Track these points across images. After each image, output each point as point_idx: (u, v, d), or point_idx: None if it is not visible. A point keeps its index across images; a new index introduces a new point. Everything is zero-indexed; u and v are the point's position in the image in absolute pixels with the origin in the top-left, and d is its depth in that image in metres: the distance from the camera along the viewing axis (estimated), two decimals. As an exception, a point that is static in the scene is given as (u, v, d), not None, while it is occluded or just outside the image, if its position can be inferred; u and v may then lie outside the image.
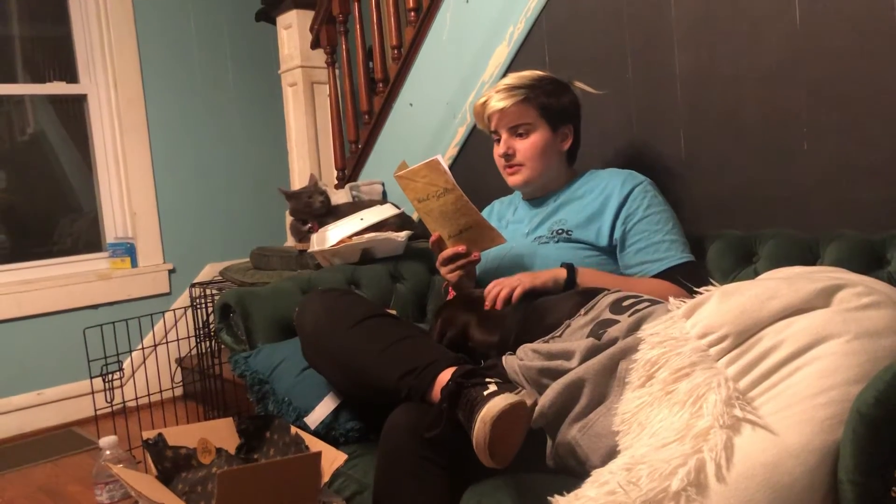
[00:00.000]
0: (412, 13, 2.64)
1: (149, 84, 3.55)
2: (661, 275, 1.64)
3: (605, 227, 1.70)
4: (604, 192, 1.74)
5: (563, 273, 1.58)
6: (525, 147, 1.76)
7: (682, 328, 1.03)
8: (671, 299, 1.13)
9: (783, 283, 1.03)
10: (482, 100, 1.81)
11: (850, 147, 1.65)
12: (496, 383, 1.27)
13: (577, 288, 1.56)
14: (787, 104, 1.74)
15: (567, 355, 1.33)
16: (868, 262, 1.50)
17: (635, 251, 1.67)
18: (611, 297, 1.44)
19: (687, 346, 1.00)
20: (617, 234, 1.69)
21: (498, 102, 1.75)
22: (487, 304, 1.55)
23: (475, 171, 2.49)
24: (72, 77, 3.51)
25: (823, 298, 1.01)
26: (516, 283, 1.54)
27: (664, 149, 1.99)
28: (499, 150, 1.79)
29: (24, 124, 3.54)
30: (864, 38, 1.61)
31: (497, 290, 1.55)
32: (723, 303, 1.03)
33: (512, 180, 1.81)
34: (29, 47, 3.50)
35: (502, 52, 2.36)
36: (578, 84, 1.86)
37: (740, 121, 1.83)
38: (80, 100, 3.54)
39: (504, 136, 1.78)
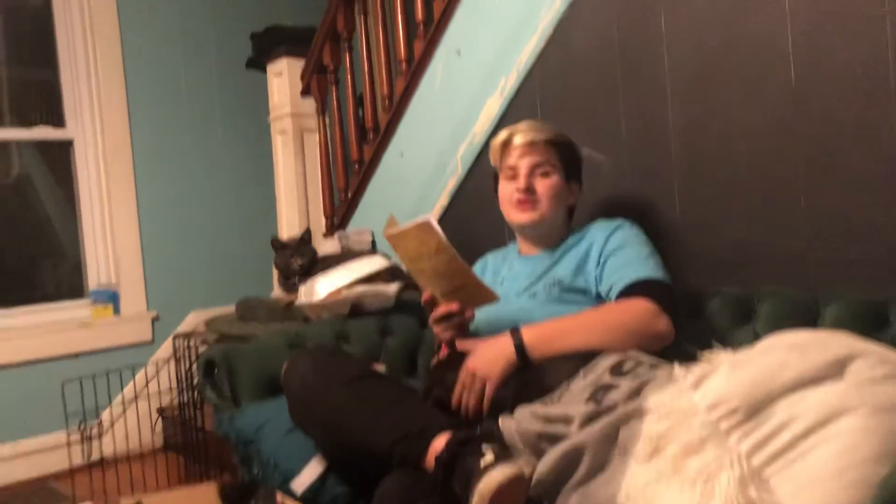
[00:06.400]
0: (403, 64, 2.64)
1: (136, 129, 3.51)
2: (625, 289, 1.57)
3: (591, 274, 1.69)
4: (589, 239, 1.74)
5: (512, 351, 1.48)
6: (546, 185, 1.74)
7: (691, 400, 0.99)
8: (676, 366, 1.09)
9: (793, 353, 1.00)
10: (506, 133, 1.79)
11: (848, 205, 1.63)
12: (493, 451, 1.21)
13: (526, 350, 1.48)
14: (784, 161, 1.73)
15: (566, 420, 1.29)
16: (870, 323, 1.47)
17: (607, 278, 1.64)
18: (610, 360, 1.40)
19: (696, 419, 0.96)
20: (597, 272, 1.67)
21: (528, 136, 1.75)
22: (455, 405, 1.50)
23: (466, 221, 2.46)
24: (58, 121, 3.47)
25: (836, 369, 0.97)
26: (480, 384, 1.47)
27: (659, 203, 1.97)
28: (516, 184, 1.75)
29: (8, 167, 3.49)
30: (860, 95, 1.60)
31: (466, 400, 1.48)
32: (733, 374, 0.99)
33: (522, 217, 1.76)
34: (16, 90, 3.46)
35: (494, 103, 2.34)
36: (589, 151, 1.87)
37: (736, 176, 1.82)
38: (67, 144, 3.50)
39: (524, 171, 1.74)
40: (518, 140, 1.75)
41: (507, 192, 1.78)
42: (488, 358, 1.49)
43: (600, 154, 1.91)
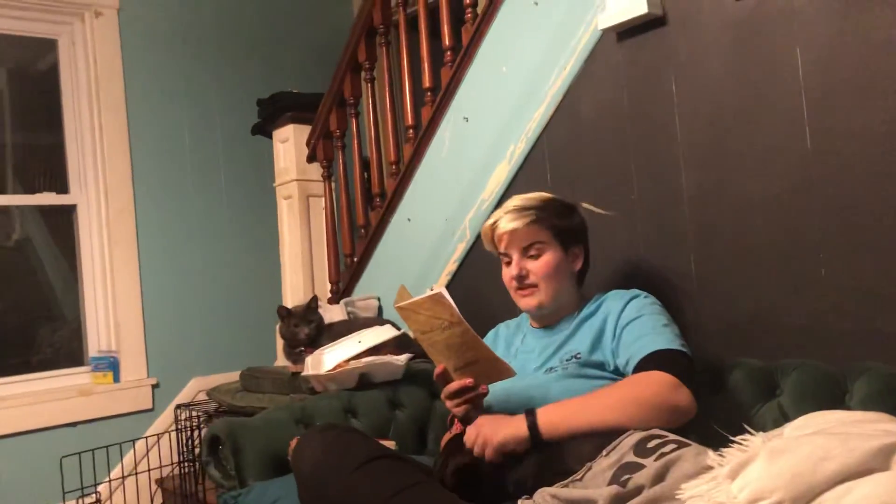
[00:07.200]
0: (410, 130, 2.64)
1: (140, 195, 3.50)
2: (641, 362, 1.51)
3: (607, 347, 1.63)
4: (605, 311, 1.68)
5: (523, 427, 1.43)
6: (538, 267, 1.70)
7: (729, 491, 0.94)
8: (710, 453, 1.04)
9: (835, 440, 0.95)
10: (490, 221, 1.76)
11: (870, 274, 1.60)
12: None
13: (539, 429, 1.43)
14: (802, 228, 1.70)
15: (589, 504, 1.23)
16: (902, 398, 1.42)
17: (624, 350, 1.58)
18: (634, 438, 1.35)
19: (736, 513, 0.91)
20: (613, 345, 1.62)
21: (509, 223, 1.70)
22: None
23: (475, 288, 2.42)
24: (62, 187, 3.46)
25: (881, 459, 0.92)
26: (479, 451, 1.44)
27: (673, 272, 1.93)
28: (510, 271, 1.73)
29: (10, 231, 3.47)
30: (877, 161, 1.58)
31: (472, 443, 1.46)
32: (772, 463, 0.93)
33: (525, 303, 1.73)
34: (20, 156, 3.46)
35: (503, 171, 2.33)
36: (586, 206, 1.83)
37: (753, 244, 1.78)
38: (70, 209, 3.48)
39: (515, 257, 1.72)
40: (501, 228, 1.72)
41: (507, 278, 1.75)
42: (498, 423, 1.45)
43: (600, 208, 1.87)
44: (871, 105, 1.58)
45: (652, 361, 1.49)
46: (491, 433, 1.43)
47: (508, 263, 1.74)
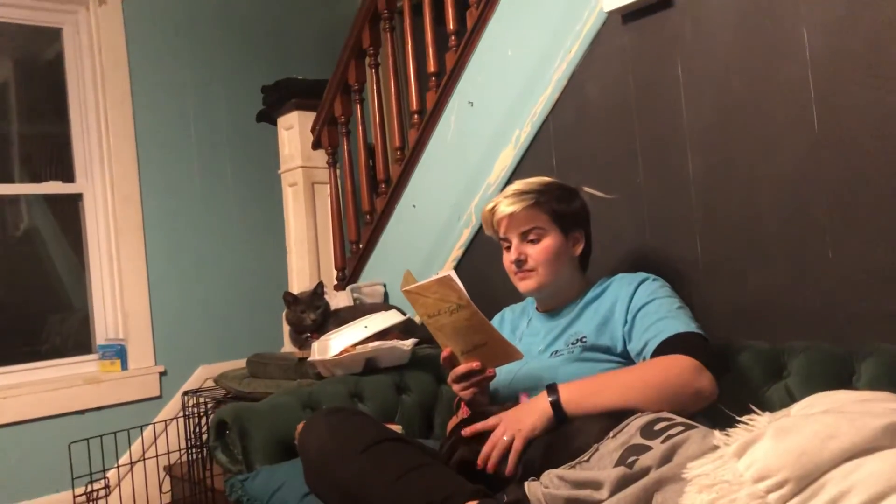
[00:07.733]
0: (415, 116, 2.63)
1: (146, 183, 3.50)
2: (661, 345, 1.49)
3: (617, 331, 1.62)
4: (612, 295, 1.67)
5: (547, 407, 1.41)
6: (537, 252, 1.69)
7: (735, 470, 0.93)
8: (716, 433, 1.03)
9: (842, 418, 0.94)
10: (490, 206, 1.75)
11: (878, 256, 1.59)
12: (521, 521, 1.16)
13: (563, 406, 1.41)
14: (808, 210, 1.69)
15: (596, 485, 1.23)
16: (909, 379, 1.42)
17: (640, 334, 1.57)
18: (642, 420, 1.34)
19: (742, 491, 0.90)
20: (626, 330, 1.61)
21: (507, 207, 1.69)
22: (480, 464, 1.40)
23: (481, 273, 2.42)
24: (68, 176, 3.46)
25: (890, 437, 0.91)
26: (509, 438, 1.39)
27: (680, 254, 1.93)
28: (510, 256, 1.72)
29: (17, 220, 3.48)
30: (887, 140, 1.56)
31: (489, 451, 1.40)
32: (779, 442, 0.93)
33: (524, 286, 1.72)
34: (27, 145, 3.47)
35: (508, 155, 2.32)
36: (587, 189, 1.81)
37: (759, 226, 1.78)
38: (76, 198, 3.48)
39: (515, 241, 1.71)
40: (499, 212, 1.71)
41: (507, 262, 1.74)
42: (519, 412, 1.43)
43: (600, 192, 1.86)
44: (879, 85, 1.57)
45: (672, 345, 1.47)
46: (516, 422, 1.41)
47: (508, 248, 1.73)
